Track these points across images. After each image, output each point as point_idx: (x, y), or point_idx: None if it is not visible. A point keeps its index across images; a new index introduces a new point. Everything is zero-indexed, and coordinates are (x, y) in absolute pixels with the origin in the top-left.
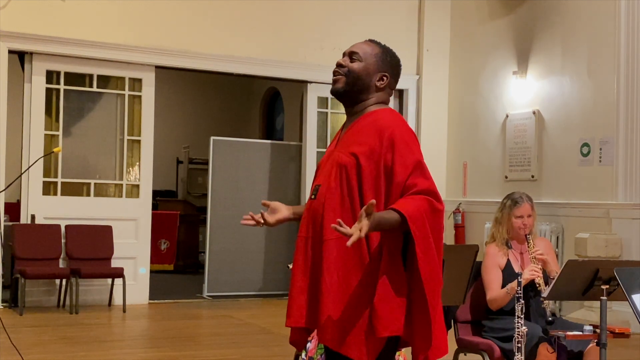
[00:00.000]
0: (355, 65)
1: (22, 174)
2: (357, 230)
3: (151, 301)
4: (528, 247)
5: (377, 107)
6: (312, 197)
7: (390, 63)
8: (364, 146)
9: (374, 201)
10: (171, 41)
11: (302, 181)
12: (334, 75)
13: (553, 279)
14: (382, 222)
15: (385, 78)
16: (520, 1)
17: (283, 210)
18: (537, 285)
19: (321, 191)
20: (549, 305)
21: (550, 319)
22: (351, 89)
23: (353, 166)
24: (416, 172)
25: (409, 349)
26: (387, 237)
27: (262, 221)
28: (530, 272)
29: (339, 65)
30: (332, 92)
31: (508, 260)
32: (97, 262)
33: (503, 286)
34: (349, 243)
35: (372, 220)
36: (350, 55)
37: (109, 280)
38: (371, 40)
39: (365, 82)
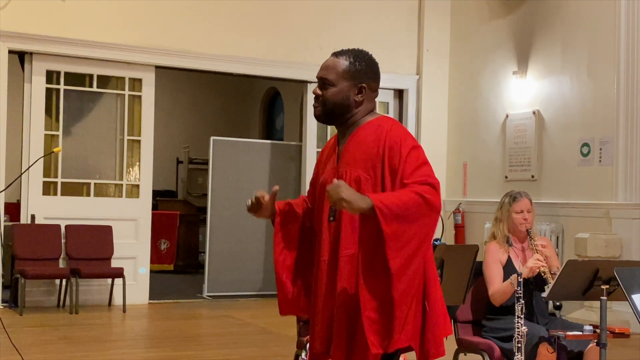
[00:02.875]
0: (329, 93)
1: (22, 174)
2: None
3: (151, 301)
4: (530, 240)
5: (371, 117)
6: (331, 219)
7: (362, 70)
8: (370, 158)
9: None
10: (171, 41)
11: (302, 181)
12: (314, 105)
13: (554, 274)
14: (352, 195)
15: (363, 89)
16: (520, 1)
17: (269, 208)
18: (542, 274)
19: (339, 212)
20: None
21: (558, 303)
22: (332, 115)
23: (365, 180)
24: (412, 161)
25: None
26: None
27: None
28: (534, 262)
29: (315, 95)
30: (315, 119)
31: (509, 257)
32: (97, 262)
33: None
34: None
35: (344, 186)
36: (322, 82)
37: (109, 280)
38: (337, 54)
39: (344, 103)
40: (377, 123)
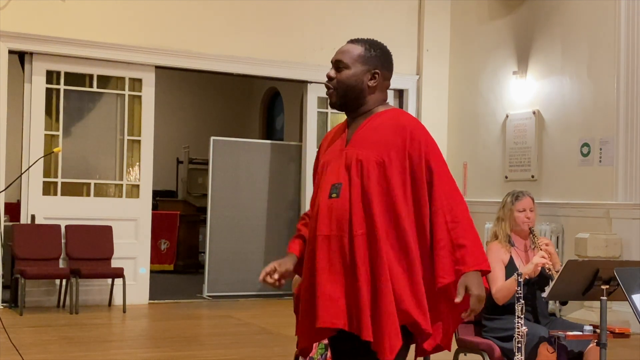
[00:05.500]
0: (343, 75)
1: (22, 174)
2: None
3: (151, 301)
4: (534, 238)
5: (384, 107)
6: (334, 195)
7: (376, 57)
8: (386, 144)
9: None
10: (171, 41)
11: (302, 181)
12: (327, 90)
13: (558, 271)
14: (482, 296)
15: (376, 75)
16: (520, 1)
17: (287, 263)
18: (547, 270)
19: (344, 189)
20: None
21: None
22: (345, 99)
23: (378, 163)
24: (441, 173)
25: None
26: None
27: (277, 281)
28: (539, 258)
29: (328, 78)
30: (330, 106)
31: (511, 257)
32: (97, 262)
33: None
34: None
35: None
36: (337, 64)
37: (109, 280)
38: (353, 41)
39: (358, 87)
40: (393, 113)
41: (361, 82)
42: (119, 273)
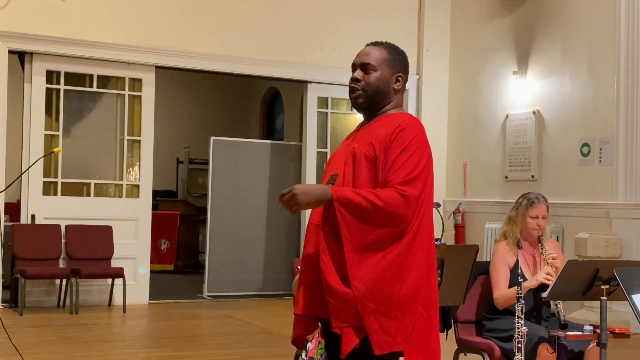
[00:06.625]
0: (372, 78)
1: (22, 174)
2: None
3: (151, 301)
4: (542, 250)
5: (397, 110)
6: (330, 183)
7: (400, 61)
8: (379, 140)
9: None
10: (171, 41)
11: (302, 181)
12: (353, 92)
13: None
14: (307, 192)
15: (400, 79)
16: (520, 1)
17: None
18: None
19: (338, 180)
20: (562, 311)
21: (563, 321)
22: (372, 101)
23: (368, 156)
24: (402, 175)
25: None
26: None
27: None
28: (544, 276)
29: (354, 80)
30: (355, 107)
31: (517, 260)
32: (97, 262)
33: (510, 286)
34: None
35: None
36: (364, 67)
37: (109, 280)
38: (375, 44)
39: (384, 90)
40: (402, 114)
41: (388, 84)
42: (119, 273)
